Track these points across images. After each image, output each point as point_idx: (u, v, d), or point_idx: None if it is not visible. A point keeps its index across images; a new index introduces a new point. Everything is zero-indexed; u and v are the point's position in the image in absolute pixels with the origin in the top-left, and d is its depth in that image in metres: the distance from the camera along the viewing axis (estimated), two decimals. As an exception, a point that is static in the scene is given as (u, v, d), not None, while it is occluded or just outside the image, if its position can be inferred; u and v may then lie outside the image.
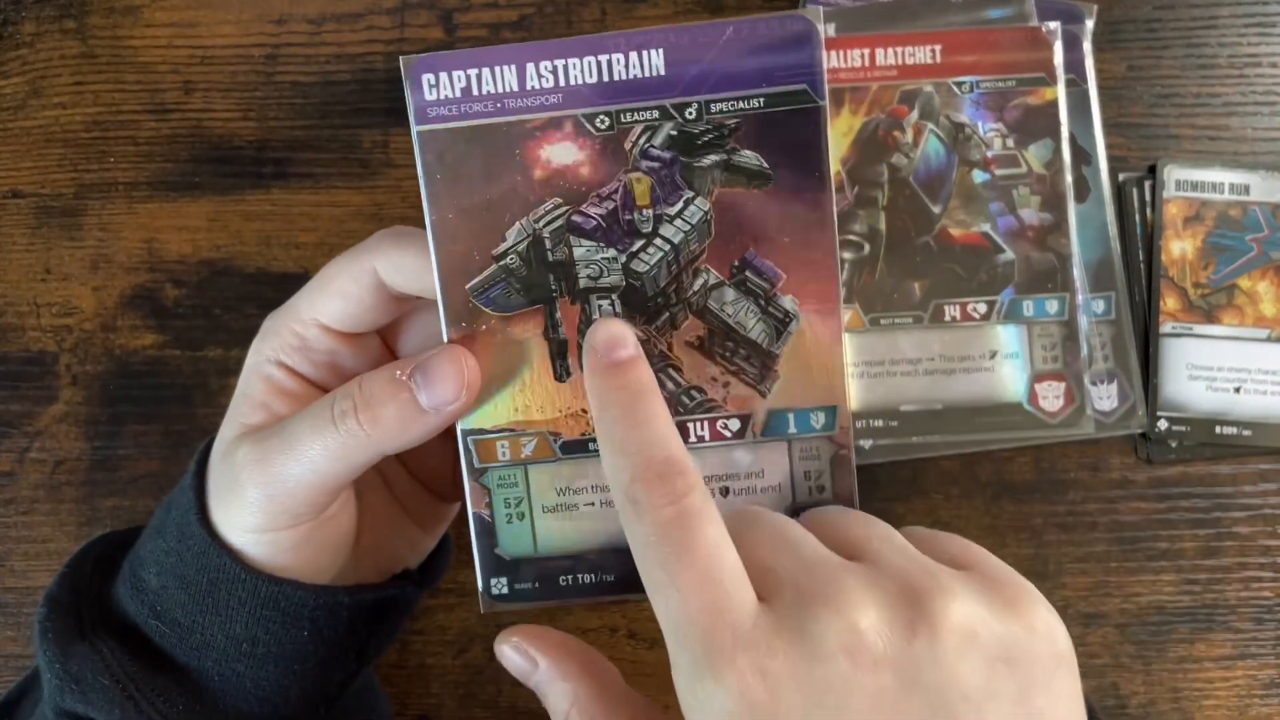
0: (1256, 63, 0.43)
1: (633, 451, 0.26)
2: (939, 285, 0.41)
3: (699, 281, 0.30)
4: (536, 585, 0.32)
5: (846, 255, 0.42)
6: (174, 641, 0.31)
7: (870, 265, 0.42)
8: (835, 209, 0.30)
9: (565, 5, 0.44)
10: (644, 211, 0.30)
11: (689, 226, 0.30)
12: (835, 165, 0.42)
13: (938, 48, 0.42)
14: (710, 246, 0.30)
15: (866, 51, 0.42)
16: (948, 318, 0.41)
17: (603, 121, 0.29)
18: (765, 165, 0.30)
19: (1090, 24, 0.42)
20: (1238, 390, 0.41)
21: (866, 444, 0.42)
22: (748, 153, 0.30)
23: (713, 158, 0.30)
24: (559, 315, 0.30)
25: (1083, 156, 0.42)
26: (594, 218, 0.30)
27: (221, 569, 0.30)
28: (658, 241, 0.30)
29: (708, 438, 0.31)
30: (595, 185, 0.30)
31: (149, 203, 0.44)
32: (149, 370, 0.44)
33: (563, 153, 0.29)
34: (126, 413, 0.44)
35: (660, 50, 0.29)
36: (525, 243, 0.30)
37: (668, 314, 0.30)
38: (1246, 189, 0.42)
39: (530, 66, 0.29)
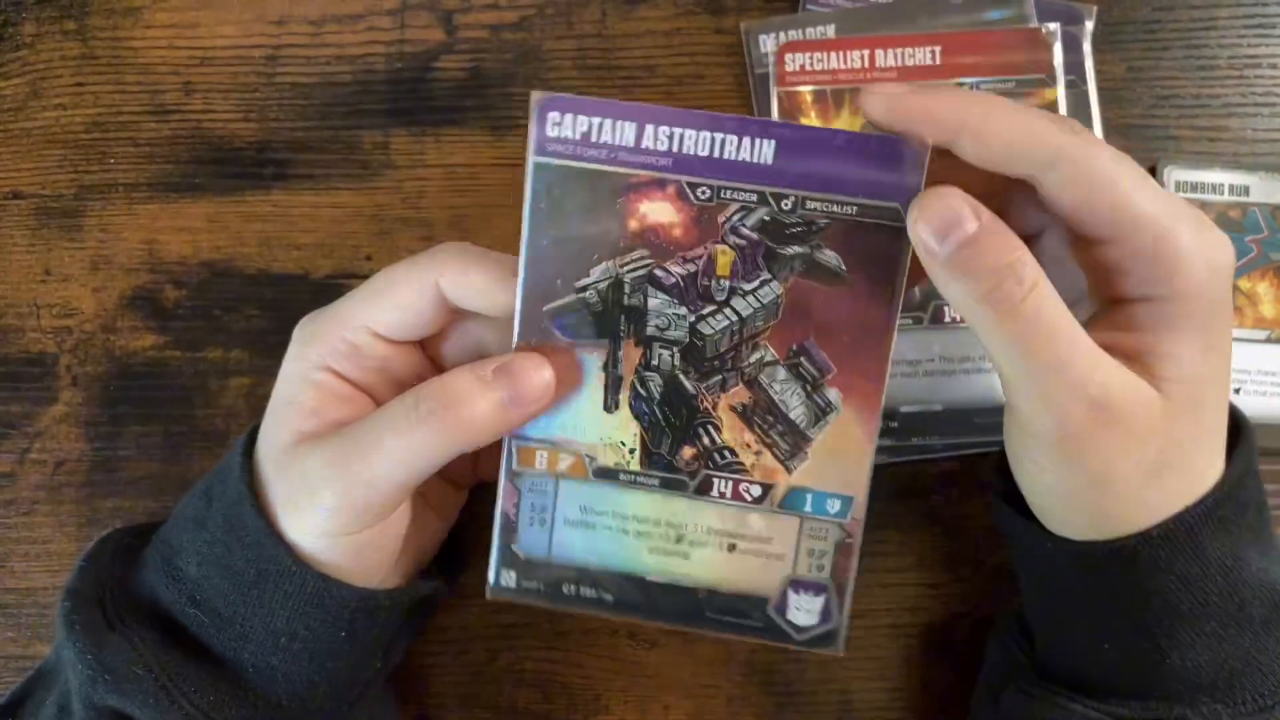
0: (1256, 64, 0.43)
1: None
2: (939, 286, 0.41)
3: (755, 355, 0.33)
4: (541, 588, 0.34)
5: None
6: (212, 631, 0.32)
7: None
8: (897, 323, 0.32)
9: (565, 6, 0.44)
10: (721, 281, 0.32)
11: (759, 305, 0.32)
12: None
13: (937, 49, 0.42)
14: (774, 327, 0.32)
15: (866, 53, 0.42)
16: (948, 319, 0.42)
17: (704, 192, 0.31)
18: (843, 268, 0.32)
19: (1090, 25, 0.42)
20: (1238, 391, 0.41)
21: (866, 445, 0.42)
22: (830, 253, 0.32)
23: (797, 249, 0.32)
24: (621, 354, 0.33)
25: (1082, 157, 0.42)
26: (674, 276, 0.32)
27: (274, 560, 0.31)
28: (727, 311, 0.32)
29: (729, 496, 0.33)
30: (683, 247, 0.32)
31: (149, 204, 0.44)
32: (149, 371, 0.44)
33: (660, 211, 0.32)
34: (127, 414, 0.44)
35: (774, 142, 0.31)
36: (607, 282, 0.32)
37: (720, 376, 0.33)
38: (1246, 190, 0.42)
39: (649, 128, 0.31)
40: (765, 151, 0.31)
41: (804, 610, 0.34)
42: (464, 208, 0.44)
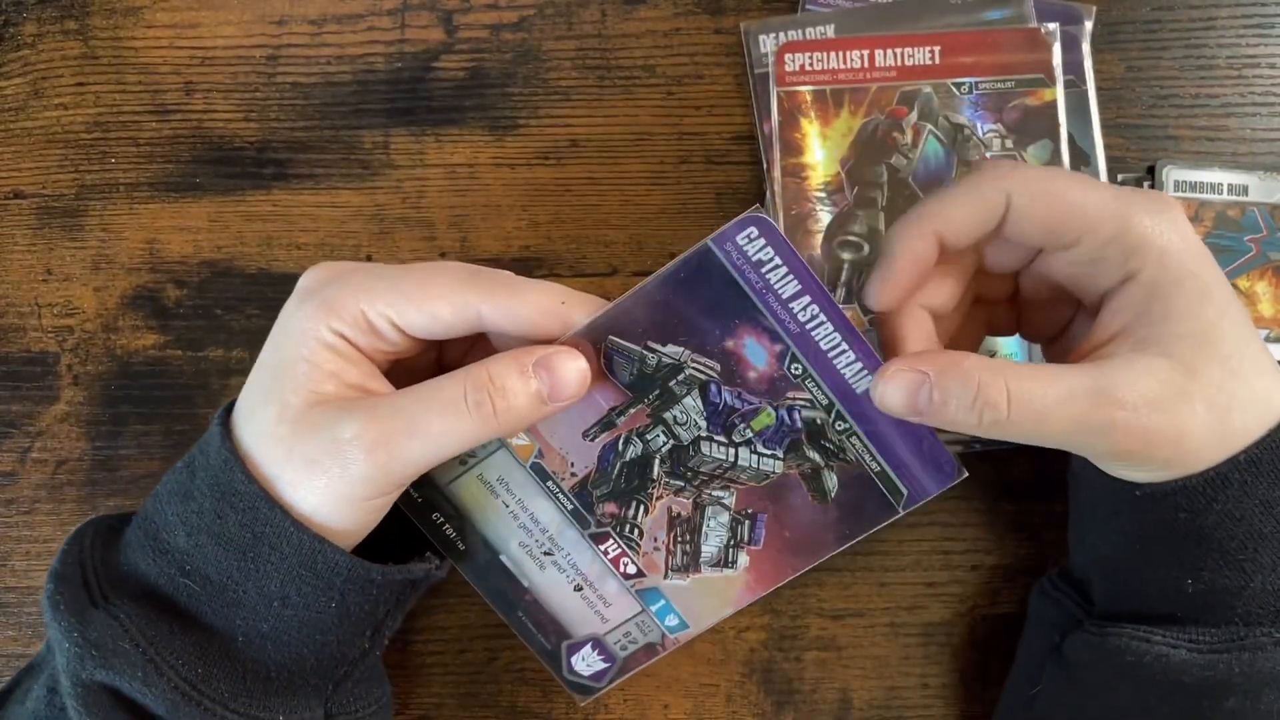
0: (1255, 64, 0.43)
1: None
2: (938, 286, 0.41)
3: (719, 492, 0.37)
4: (419, 498, 0.38)
5: (846, 255, 0.42)
6: (203, 600, 0.32)
7: (870, 265, 0.42)
8: (822, 562, 0.38)
9: (565, 6, 0.44)
10: (747, 431, 0.36)
11: (755, 468, 0.36)
12: (834, 169, 0.42)
13: (937, 49, 0.42)
14: (749, 488, 0.37)
15: (866, 53, 0.42)
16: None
17: (796, 369, 0.34)
18: (833, 495, 0.36)
19: (1089, 25, 0.42)
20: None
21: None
22: (834, 478, 0.36)
23: (815, 457, 0.36)
24: (631, 412, 0.36)
25: (1081, 157, 0.42)
26: (721, 400, 0.35)
27: (270, 523, 0.31)
28: (732, 451, 0.36)
29: (609, 556, 0.38)
30: (745, 387, 0.35)
31: (150, 203, 0.44)
32: (150, 370, 0.44)
33: (756, 354, 0.34)
34: (128, 413, 0.44)
35: (869, 388, 0.34)
36: (670, 363, 0.35)
37: (682, 483, 0.37)
38: (1245, 190, 0.42)
39: (804, 300, 0.33)
40: (859, 385, 0.34)
41: (587, 663, 0.40)
42: (464, 207, 0.44)
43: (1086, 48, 0.42)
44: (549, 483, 0.37)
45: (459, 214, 0.44)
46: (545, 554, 0.38)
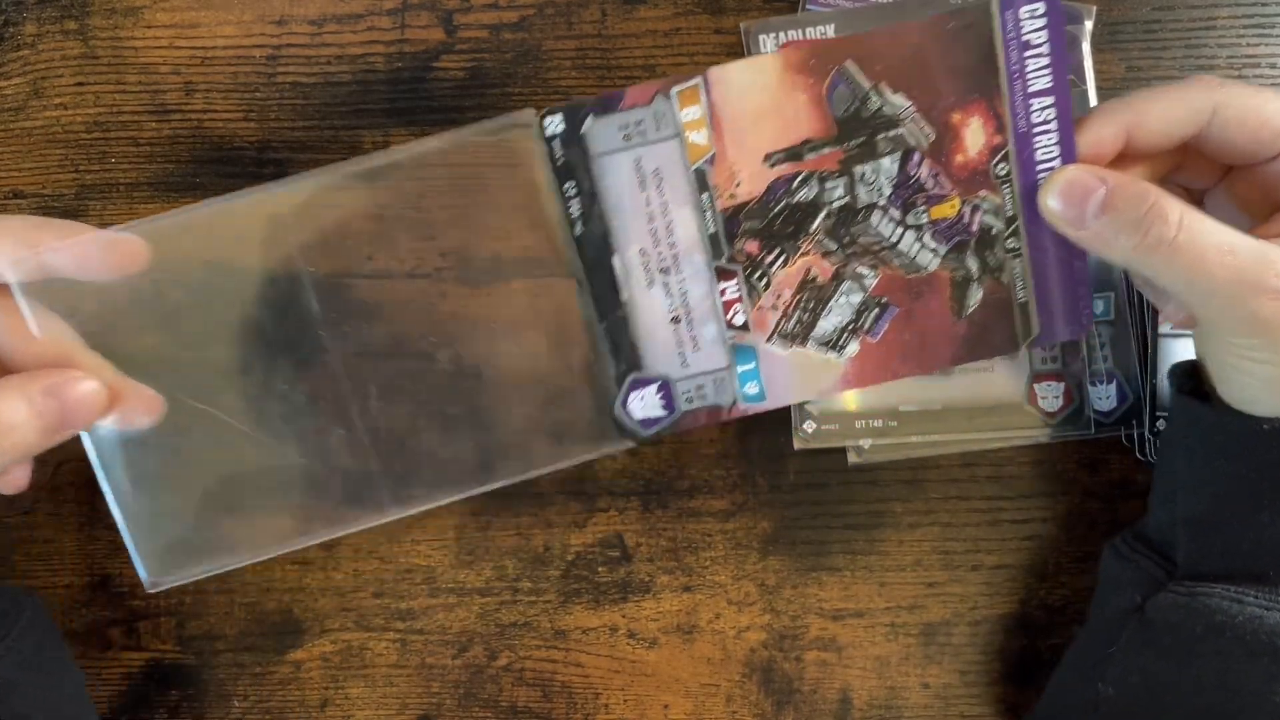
0: (1255, 64, 0.43)
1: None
2: (939, 285, 0.41)
3: (862, 268, 0.35)
4: (561, 159, 0.34)
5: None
6: None
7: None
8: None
9: (565, 6, 0.44)
10: (923, 214, 0.34)
11: (912, 257, 0.35)
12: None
13: (937, 48, 0.42)
14: (894, 275, 0.35)
15: (866, 52, 0.42)
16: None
17: (1002, 169, 0.33)
18: (970, 312, 0.35)
19: (1089, 25, 0.42)
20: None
21: (866, 444, 0.42)
22: (979, 294, 0.35)
23: (972, 266, 0.35)
24: (825, 151, 0.34)
25: (1082, 157, 0.42)
26: (917, 171, 0.34)
27: None
28: (899, 231, 0.34)
29: (723, 296, 0.35)
30: (944, 168, 0.33)
31: (150, 204, 0.44)
32: (150, 370, 0.44)
33: (973, 135, 0.33)
34: (127, 413, 0.44)
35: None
36: (890, 114, 0.33)
37: (835, 246, 0.34)
38: (1245, 189, 0.42)
39: (1055, 93, 0.33)
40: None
41: (644, 405, 0.36)
42: (464, 208, 0.44)
43: (1087, 47, 0.42)
44: (705, 194, 0.34)
45: (459, 214, 0.44)
46: (661, 270, 0.35)
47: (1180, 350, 0.42)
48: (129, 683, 0.44)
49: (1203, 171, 0.35)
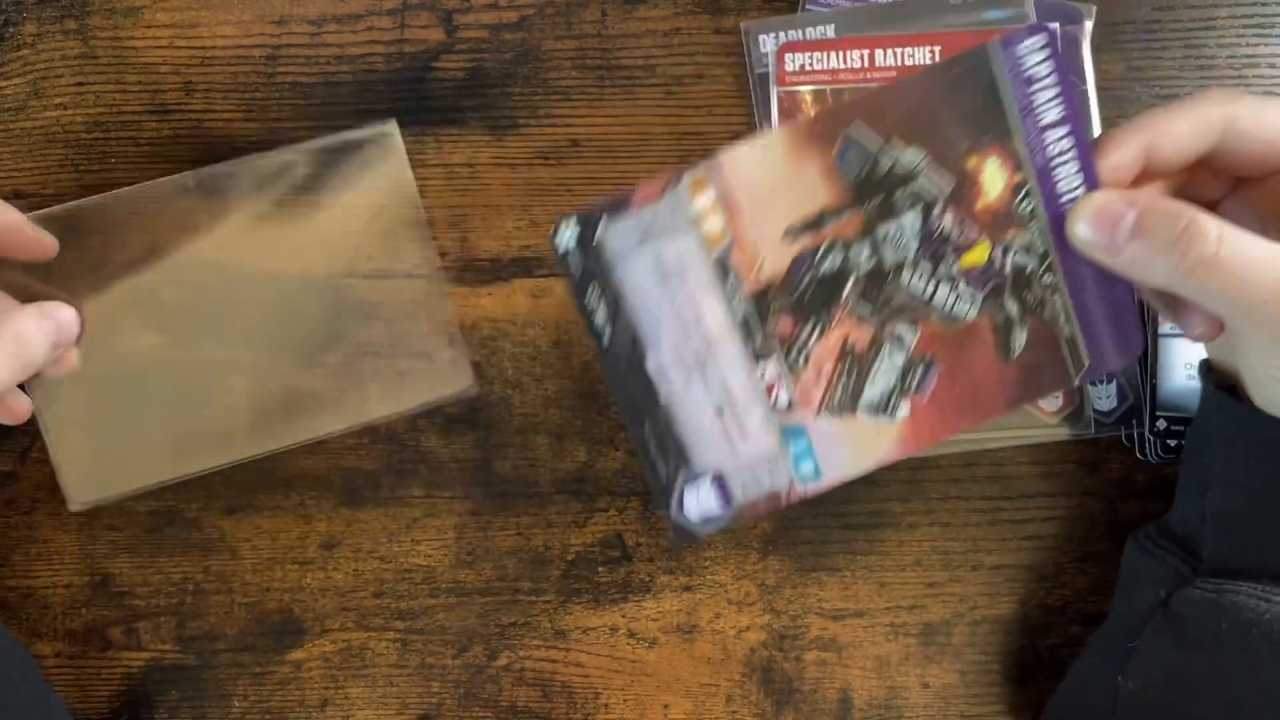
0: (1255, 63, 0.43)
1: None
2: (939, 285, 0.41)
3: (902, 328, 0.34)
4: (583, 270, 0.33)
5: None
6: None
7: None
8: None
9: (565, 6, 0.44)
10: (954, 265, 0.33)
11: (949, 311, 0.34)
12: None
13: (937, 49, 0.42)
14: (934, 330, 0.34)
15: (866, 53, 0.42)
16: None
17: (1026, 207, 0.33)
18: (1017, 355, 0.34)
19: (1089, 25, 0.42)
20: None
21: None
22: (1023, 336, 0.34)
23: (1013, 309, 0.34)
24: (844, 217, 0.33)
25: (1082, 157, 0.42)
26: (940, 223, 0.33)
27: None
28: (931, 285, 0.34)
29: (763, 379, 0.34)
30: (968, 214, 0.33)
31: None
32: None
33: (991, 178, 0.32)
34: (127, 413, 0.44)
35: (1091, 243, 0.32)
36: (904, 170, 0.32)
37: (870, 310, 0.34)
38: (1245, 189, 0.42)
39: (1070, 122, 0.32)
40: (1085, 240, 0.32)
41: (701, 502, 0.34)
42: (464, 207, 0.44)
43: (1087, 47, 0.42)
44: (728, 280, 0.33)
45: (459, 214, 0.44)
46: (697, 363, 0.34)
47: (1180, 350, 0.42)
48: (129, 683, 0.44)
49: (1212, 183, 0.35)
